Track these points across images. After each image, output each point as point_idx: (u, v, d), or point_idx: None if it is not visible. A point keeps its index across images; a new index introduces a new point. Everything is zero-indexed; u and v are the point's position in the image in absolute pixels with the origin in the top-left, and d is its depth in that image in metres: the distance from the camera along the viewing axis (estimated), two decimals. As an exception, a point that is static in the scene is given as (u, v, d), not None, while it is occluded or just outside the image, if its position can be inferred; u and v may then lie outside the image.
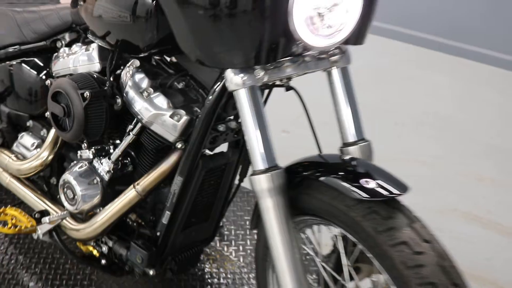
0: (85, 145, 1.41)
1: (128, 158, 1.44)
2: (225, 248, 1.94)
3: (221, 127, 1.31)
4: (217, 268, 1.85)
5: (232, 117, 1.35)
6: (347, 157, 1.15)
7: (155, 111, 1.28)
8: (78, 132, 1.34)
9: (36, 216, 1.46)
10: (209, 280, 1.80)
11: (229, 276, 1.82)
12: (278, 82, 1.20)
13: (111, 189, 1.44)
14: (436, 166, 2.55)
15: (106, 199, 1.44)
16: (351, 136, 1.20)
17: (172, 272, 1.51)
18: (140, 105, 1.30)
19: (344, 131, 1.21)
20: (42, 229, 1.44)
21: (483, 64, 3.68)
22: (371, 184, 1.01)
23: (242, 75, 1.06)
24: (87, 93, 1.29)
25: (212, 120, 1.23)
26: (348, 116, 1.20)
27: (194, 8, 1.02)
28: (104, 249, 1.50)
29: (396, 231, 0.95)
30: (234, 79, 1.06)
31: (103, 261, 1.51)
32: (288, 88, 1.23)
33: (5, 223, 1.49)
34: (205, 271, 1.84)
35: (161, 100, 1.29)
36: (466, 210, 2.25)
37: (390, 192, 0.99)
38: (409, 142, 2.76)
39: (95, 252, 1.52)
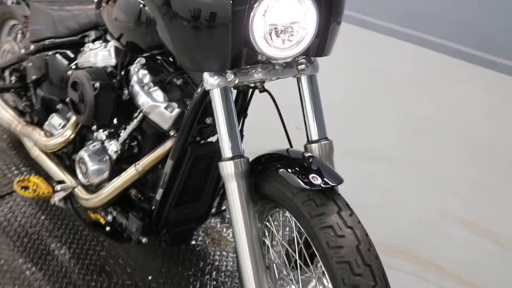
0: (95, 127, 1.66)
1: (135, 141, 1.68)
2: (224, 230, 2.16)
3: (208, 120, 1.52)
4: (214, 247, 2.07)
5: None
6: (305, 154, 1.32)
7: (152, 102, 1.51)
8: (89, 116, 1.58)
9: (54, 184, 1.72)
10: (205, 256, 2.02)
11: (223, 254, 2.04)
12: (252, 85, 1.40)
13: (117, 167, 1.68)
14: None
15: (113, 175, 1.68)
16: (314, 135, 1.38)
17: (166, 243, 1.74)
18: (141, 97, 1.53)
19: (309, 130, 1.39)
20: (57, 196, 1.70)
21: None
22: (313, 176, 1.19)
23: (215, 77, 1.26)
24: (97, 84, 1.54)
25: (198, 114, 1.44)
26: (312, 118, 1.38)
27: (174, 22, 1.23)
28: (109, 218, 1.74)
29: (325, 217, 1.14)
30: (209, 80, 1.27)
31: (108, 228, 1.75)
32: (262, 90, 1.42)
33: (27, 188, 1.76)
34: (203, 247, 2.06)
35: (158, 94, 1.52)
36: None
37: (325, 183, 1.17)
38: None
39: (101, 220, 1.77)
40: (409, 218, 2.30)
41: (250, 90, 1.51)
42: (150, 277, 1.91)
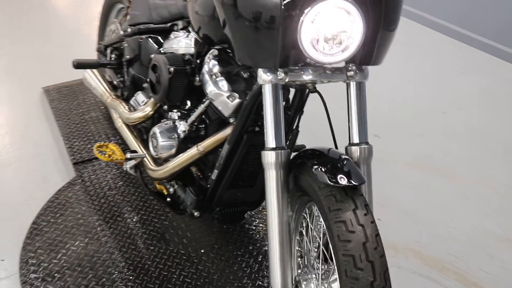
0: (166, 107, 1.85)
1: (202, 124, 1.84)
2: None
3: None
4: (266, 233, 2.20)
5: None
6: (342, 155, 1.39)
7: (217, 90, 1.66)
8: (163, 96, 1.77)
9: (126, 153, 1.94)
10: (256, 240, 2.16)
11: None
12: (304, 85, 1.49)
13: (184, 145, 1.86)
14: None
15: (179, 151, 1.86)
16: (356, 138, 1.46)
17: (218, 221, 1.89)
18: (209, 85, 1.69)
19: (351, 134, 1.47)
20: (129, 164, 1.91)
21: None
22: (340, 176, 1.28)
23: (268, 74, 1.38)
24: (171, 69, 1.71)
25: (255, 105, 1.57)
26: (356, 122, 1.45)
27: (234, 20, 1.36)
28: (171, 190, 1.93)
29: (341, 212, 1.22)
30: (262, 76, 1.39)
31: (168, 199, 1.94)
32: (312, 91, 1.52)
33: (104, 153, 1.98)
34: (256, 232, 2.20)
35: (223, 84, 1.66)
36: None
37: (348, 182, 1.26)
38: None
39: (165, 191, 1.96)
40: (464, 237, 2.28)
41: (307, 90, 1.61)
42: (202, 251, 2.08)
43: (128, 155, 1.91)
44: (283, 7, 1.25)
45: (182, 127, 1.84)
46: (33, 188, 2.45)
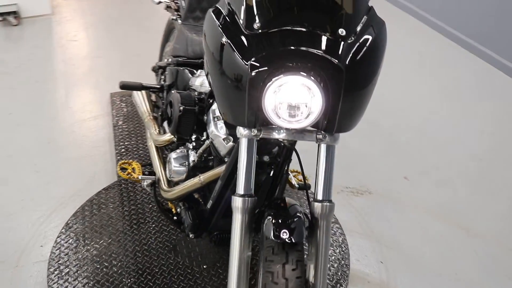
0: (175, 140, 2.09)
1: (210, 157, 2.06)
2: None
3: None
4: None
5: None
6: (298, 211, 1.53)
7: (216, 132, 1.87)
8: (174, 130, 2.01)
9: (145, 171, 2.20)
10: (253, 263, 2.34)
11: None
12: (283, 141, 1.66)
13: (192, 173, 2.09)
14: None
15: (188, 177, 2.09)
16: (319, 196, 1.59)
17: (215, 243, 2.10)
18: (210, 125, 1.91)
19: (316, 190, 1.60)
20: (146, 182, 2.18)
21: None
22: (284, 231, 1.43)
23: (243, 129, 1.56)
24: (181, 108, 1.95)
25: None
26: (322, 181, 1.58)
27: (214, 77, 1.51)
28: (178, 210, 2.17)
29: (272, 264, 1.39)
30: (239, 130, 1.57)
31: (175, 217, 2.18)
32: (289, 147, 1.67)
33: (125, 170, 2.26)
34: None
35: (222, 127, 1.87)
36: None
37: (289, 238, 1.41)
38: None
39: (173, 209, 2.20)
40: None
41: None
42: (204, 266, 2.31)
43: (140, 177, 2.17)
44: (251, 74, 1.37)
45: (192, 157, 2.07)
46: (81, 186, 2.80)
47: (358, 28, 1.42)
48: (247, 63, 1.37)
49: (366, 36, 1.42)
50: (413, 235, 2.64)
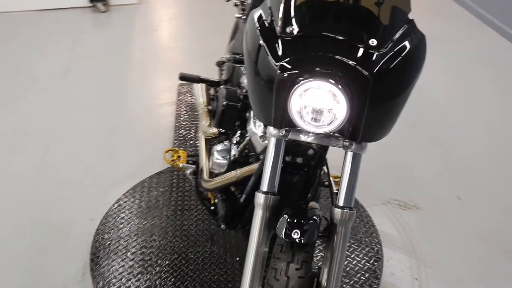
0: (218, 132, 2.17)
1: (251, 152, 2.12)
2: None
3: (287, 158, 1.87)
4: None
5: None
6: (315, 213, 1.55)
7: (253, 130, 1.93)
8: (217, 123, 2.09)
9: (189, 160, 2.30)
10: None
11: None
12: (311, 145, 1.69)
13: (233, 166, 2.16)
14: None
15: (228, 171, 2.16)
16: (341, 202, 1.61)
17: (246, 237, 2.16)
18: (249, 123, 1.97)
19: (339, 196, 1.61)
20: (188, 170, 2.28)
21: None
22: (296, 231, 1.46)
23: (272, 129, 1.60)
24: (225, 103, 2.02)
25: None
26: (345, 188, 1.59)
27: (248, 76, 1.56)
28: (216, 200, 2.25)
29: (278, 261, 1.43)
30: (269, 129, 1.61)
31: (212, 208, 2.26)
32: (315, 151, 1.69)
33: (171, 156, 2.36)
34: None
35: (260, 125, 1.92)
36: None
37: (299, 239, 1.44)
38: None
39: (212, 199, 2.28)
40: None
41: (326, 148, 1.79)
42: (237, 259, 2.38)
43: (181, 165, 2.27)
44: (279, 75, 1.40)
45: (234, 151, 2.14)
46: (137, 168, 2.95)
47: (393, 40, 1.42)
48: (277, 64, 1.41)
49: (399, 48, 1.42)
50: (455, 258, 2.56)
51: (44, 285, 2.27)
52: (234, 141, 2.19)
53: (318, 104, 1.43)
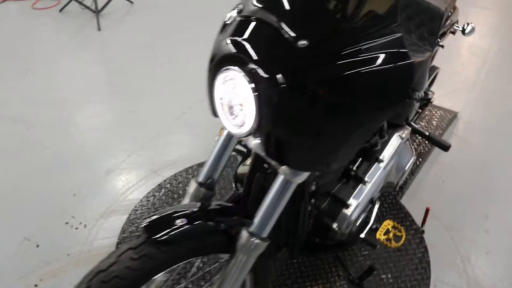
0: None
1: None
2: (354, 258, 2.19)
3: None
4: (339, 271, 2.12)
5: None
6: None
7: None
8: None
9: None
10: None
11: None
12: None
13: None
14: None
15: None
16: (253, 228, 1.33)
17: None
18: None
19: (254, 221, 1.34)
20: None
21: None
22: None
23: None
24: None
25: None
26: (262, 213, 1.33)
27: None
28: None
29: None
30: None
31: None
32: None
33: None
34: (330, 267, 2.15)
35: None
36: None
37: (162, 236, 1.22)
38: None
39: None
40: None
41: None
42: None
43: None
44: (209, 63, 1.27)
45: None
46: (182, 159, 2.80)
47: (337, 51, 1.16)
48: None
49: (341, 64, 1.16)
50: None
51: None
52: None
53: (228, 96, 1.22)
